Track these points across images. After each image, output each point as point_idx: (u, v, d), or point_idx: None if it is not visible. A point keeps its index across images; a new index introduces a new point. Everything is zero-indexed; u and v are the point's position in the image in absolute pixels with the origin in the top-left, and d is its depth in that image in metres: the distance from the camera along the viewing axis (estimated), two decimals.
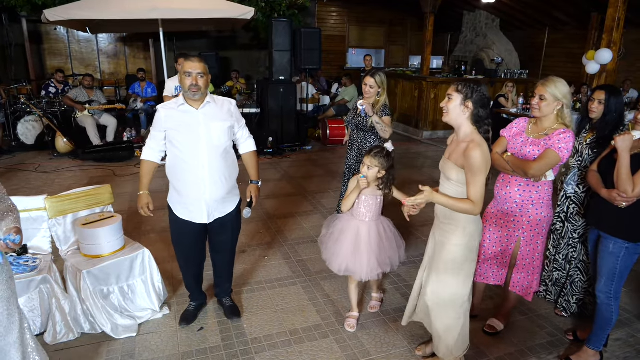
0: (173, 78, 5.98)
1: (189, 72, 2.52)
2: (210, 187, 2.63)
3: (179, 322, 2.96)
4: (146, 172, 2.76)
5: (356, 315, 3.06)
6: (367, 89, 3.71)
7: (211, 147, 2.60)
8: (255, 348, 2.78)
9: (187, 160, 2.59)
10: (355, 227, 2.84)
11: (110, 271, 2.86)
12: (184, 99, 2.61)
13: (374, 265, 2.82)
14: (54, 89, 8.39)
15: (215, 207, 2.71)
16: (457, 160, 2.24)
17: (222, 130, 2.64)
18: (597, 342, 2.65)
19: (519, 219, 2.73)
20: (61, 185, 5.78)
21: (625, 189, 2.30)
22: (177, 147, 2.59)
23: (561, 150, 2.52)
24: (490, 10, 12.05)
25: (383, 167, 2.70)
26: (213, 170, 2.62)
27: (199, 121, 2.58)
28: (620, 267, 2.48)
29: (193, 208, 2.68)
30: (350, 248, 2.82)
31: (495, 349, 2.82)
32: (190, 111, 2.59)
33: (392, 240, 2.90)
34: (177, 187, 2.67)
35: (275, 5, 9.95)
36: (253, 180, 2.94)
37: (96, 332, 2.83)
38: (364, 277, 2.83)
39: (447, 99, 2.28)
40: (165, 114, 2.62)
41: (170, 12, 6.20)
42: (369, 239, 2.82)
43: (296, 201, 5.44)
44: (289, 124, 8.03)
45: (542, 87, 2.60)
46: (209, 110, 2.63)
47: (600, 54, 5.95)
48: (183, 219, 2.72)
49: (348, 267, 2.82)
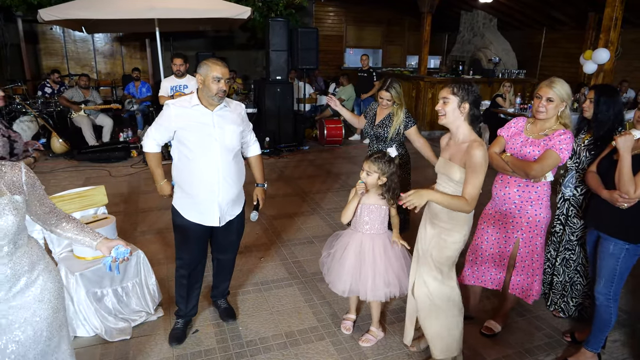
0: (168, 78, 5.96)
1: (219, 77, 2.44)
2: (222, 189, 2.59)
3: (170, 342, 2.78)
4: (157, 163, 2.73)
5: (353, 317, 3.01)
6: (383, 102, 3.49)
7: (224, 149, 2.55)
8: (251, 350, 2.75)
9: (199, 162, 2.53)
10: (358, 240, 2.69)
11: (103, 273, 2.83)
12: (198, 99, 2.54)
13: (379, 284, 2.61)
14: (50, 89, 8.35)
15: (227, 209, 2.67)
16: (460, 161, 2.23)
17: (236, 133, 2.61)
18: (595, 344, 2.63)
19: (518, 220, 2.71)
20: (56, 185, 5.74)
21: (627, 190, 2.28)
22: (189, 147, 2.52)
23: (562, 151, 2.50)
24: (487, 10, 12.04)
25: (383, 173, 2.54)
26: (225, 172, 2.58)
27: (213, 123, 2.53)
28: (620, 269, 2.46)
29: (205, 210, 2.62)
30: (353, 263, 2.66)
31: (492, 351, 2.80)
32: (205, 112, 2.53)
33: (400, 259, 2.67)
34: (188, 189, 2.60)
35: (273, 5, 9.93)
36: (259, 184, 2.94)
37: (89, 335, 2.79)
38: (368, 296, 2.66)
39: (442, 102, 2.26)
40: (176, 112, 2.53)
41: (166, 12, 6.17)
42: (373, 253, 2.63)
43: (293, 202, 5.41)
44: (286, 124, 7.99)
45: (547, 88, 2.56)
46: (224, 113, 2.59)
47: (597, 54, 5.94)
48: (193, 221, 2.64)
49: (352, 286, 2.67)
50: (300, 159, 7.53)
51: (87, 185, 3.30)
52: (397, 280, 2.63)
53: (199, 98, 2.55)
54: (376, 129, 3.54)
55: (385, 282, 2.63)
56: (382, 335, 2.89)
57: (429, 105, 9.34)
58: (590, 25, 10.11)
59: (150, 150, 2.69)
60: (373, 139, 3.60)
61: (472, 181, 2.17)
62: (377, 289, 2.63)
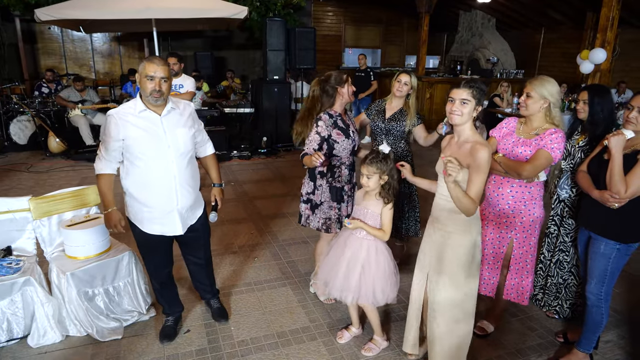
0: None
1: (151, 76, 2.30)
2: (181, 196, 2.50)
3: (160, 340, 2.78)
4: (108, 187, 2.52)
5: (353, 330, 2.88)
6: (400, 86, 3.34)
7: (178, 154, 2.45)
8: (242, 350, 2.74)
9: (153, 171, 2.41)
10: (346, 240, 2.62)
11: (95, 273, 2.83)
12: (143, 104, 2.39)
13: (348, 284, 2.54)
14: (47, 89, 8.35)
15: (187, 215, 2.60)
16: (463, 161, 2.22)
17: (188, 136, 2.51)
18: (587, 345, 2.62)
19: (512, 220, 2.70)
20: (53, 185, 5.73)
21: (618, 189, 2.27)
22: (140, 157, 2.38)
23: (553, 150, 2.50)
24: (486, 10, 12.04)
25: (383, 172, 2.48)
26: (182, 178, 2.48)
27: (163, 129, 2.41)
28: (611, 269, 2.45)
29: (165, 221, 2.52)
30: (337, 262, 2.60)
31: (485, 351, 2.80)
32: (153, 118, 2.40)
33: (384, 268, 2.55)
34: (144, 200, 2.46)
35: (270, 5, 9.92)
36: (216, 184, 2.89)
37: (81, 335, 2.79)
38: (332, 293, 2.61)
39: (461, 103, 2.20)
40: (122, 121, 2.36)
41: (163, 12, 6.16)
42: (359, 256, 2.56)
43: (289, 201, 5.40)
44: (283, 123, 7.99)
45: (529, 85, 2.61)
46: (173, 117, 2.47)
47: (594, 54, 5.93)
48: (155, 234, 2.55)
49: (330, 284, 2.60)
50: (297, 159, 7.47)
51: (84, 185, 3.29)
52: (371, 289, 2.54)
53: (143, 102, 2.40)
54: (388, 123, 3.43)
55: (352, 286, 2.55)
56: (385, 345, 2.80)
57: (427, 105, 9.34)
58: (589, 25, 10.09)
59: (101, 171, 2.48)
60: (383, 133, 3.48)
61: (475, 181, 2.16)
62: (342, 290, 2.56)
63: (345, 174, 2.98)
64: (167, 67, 2.36)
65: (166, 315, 2.89)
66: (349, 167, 3.02)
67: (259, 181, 6.26)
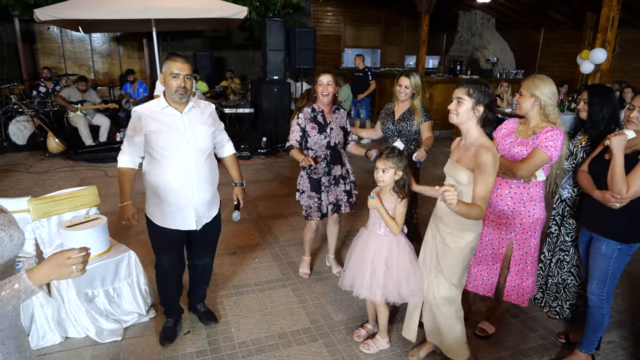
0: None
1: (176, 74, 2.41)
2: (197, 192, 2.56)
3: (161, 341, 2.78)
4: (128, 180, 2.61)
5: (369, 327, 2.93)
6: (401, 90, 3.40)
7: (197, 151, 2.52)
8: (242, 352, 2.73)
9: (172, 165, 2.49)
10: (366, 238, 2.67)
11: (95, 274, 2.82)
12: (166, 101, 2.50)
13: (374, 284, 2.57)
14: (44, 88, 8.33)
15: (203, 212, 2.64)
16: (468, 164, 2.22)
17: (207, 134, 2.58)
18: (589, 345, 2.61)
19: (511, 221, 2.69)
20: (52, 186, 5.72)
21: (620, 189, 2.26)
22: (160, 152, 2.47)
23: (548, 148, 2.47)
24: (485, 10, 12.03)
25: (399, 168, 2.52)
26: (199, 174, 2.55)
27: (184, 125, 2.50)
28: (613, 269, 2.44)
29: (181, 215, 2.57)
30: (358, 259, 2.65)
31: (486, 353, 2.79)
32: (174, 114, 2.50)
33: (406, 266, 2.56)
34: (161, 194, 2.53)
35: (270, 5, 9.90)
36: (237, 183, 2.92)
37: (80, 337, 2.78)
38: (362, 293, 2.62)
39: (457, 102, 2.22)
40: (145, 117, 2.48)
41: (162, 12, 6.16)
42: (375, 252, 2.60)
43: (289, 202, 5.38)
44: (283, 123, 7.96)
45: (522, 83, 2.65)
46: (194, 115, 2.55)
47: (594, 54, 5.92)
48: (169, 228, 2.60)
49: (353, 281, 2.65)
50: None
51: (83, 185, 3.28)
52: (396, 286, 2.54)
53: (166, 100, 2.51)
54: (398, 124, 3.48)
55: (380, 284, 2.56)
56: (386, 347, 2.79)
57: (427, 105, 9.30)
58: (588, 25, 10.08)
59: (123, 165, 2.59)
60: (395, 134, 3.52)
61: (481, 183, 2.16)
62: (373, 288, 2.57)
63: (321, 166, 3.28)
64: (189, 65, 2.47)
65: (167, 316, 2.89)
66: (326, 160, 3.30)
67: (259, 181, 6.25)
